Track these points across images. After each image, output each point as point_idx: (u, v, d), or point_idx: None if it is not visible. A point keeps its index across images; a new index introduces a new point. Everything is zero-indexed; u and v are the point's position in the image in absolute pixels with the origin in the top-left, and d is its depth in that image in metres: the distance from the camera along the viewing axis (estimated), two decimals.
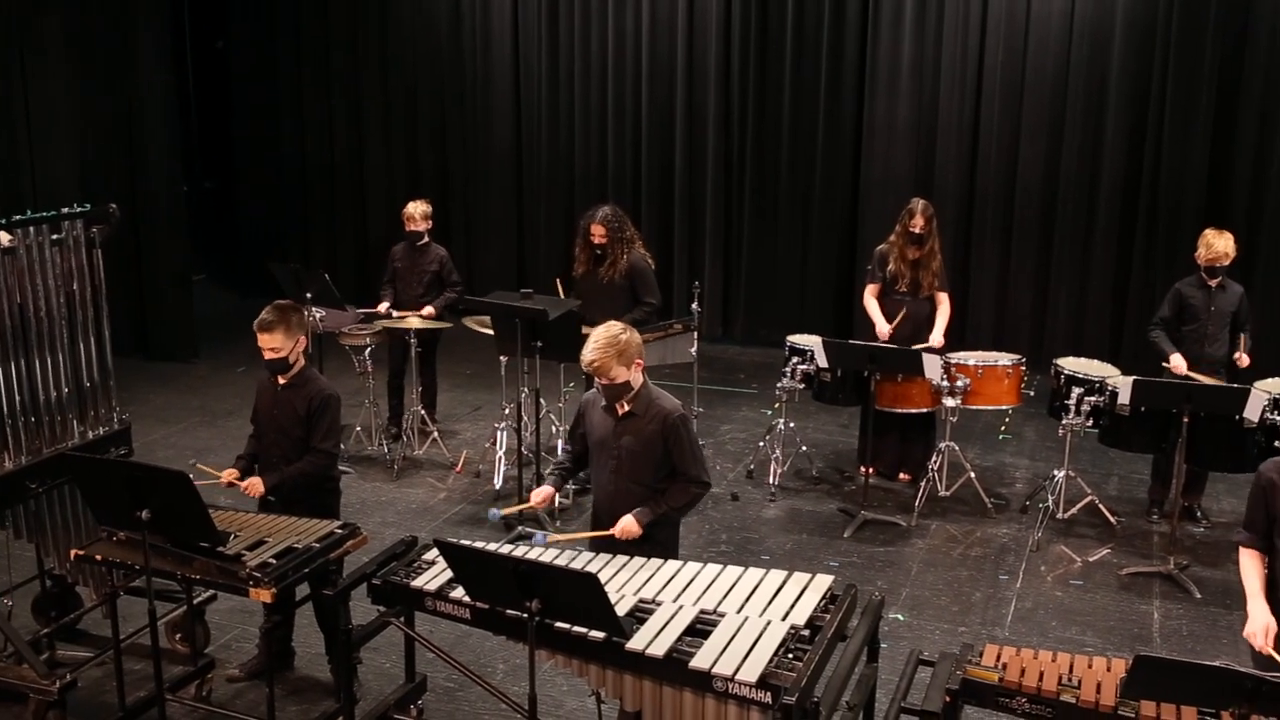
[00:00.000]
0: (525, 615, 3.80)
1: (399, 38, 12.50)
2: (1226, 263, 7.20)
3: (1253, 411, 6.57)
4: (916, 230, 7.66)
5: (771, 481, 7.91)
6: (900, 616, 6.26)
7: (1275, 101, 9.82)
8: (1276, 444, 6.70)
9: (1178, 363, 7.18)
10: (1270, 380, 7.12)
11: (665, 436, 4.76)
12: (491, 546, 4.56)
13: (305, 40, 12.85)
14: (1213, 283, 7.24)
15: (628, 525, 4.72)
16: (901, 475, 8.06)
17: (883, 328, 7.68)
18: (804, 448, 8.31)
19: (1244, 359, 7.28)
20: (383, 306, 8.49)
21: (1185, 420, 6.51)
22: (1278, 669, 3.77)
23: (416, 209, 8.54)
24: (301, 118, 13.05)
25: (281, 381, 5.44)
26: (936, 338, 7.70)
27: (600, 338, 4.67)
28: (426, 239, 8.58)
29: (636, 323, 7.35)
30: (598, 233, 7.63)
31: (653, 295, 7.71)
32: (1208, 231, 7.33)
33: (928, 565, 6.89)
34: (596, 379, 4.75)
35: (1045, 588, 6.65)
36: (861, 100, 10.94)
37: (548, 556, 4.48)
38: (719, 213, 11.57)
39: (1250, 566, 4.28)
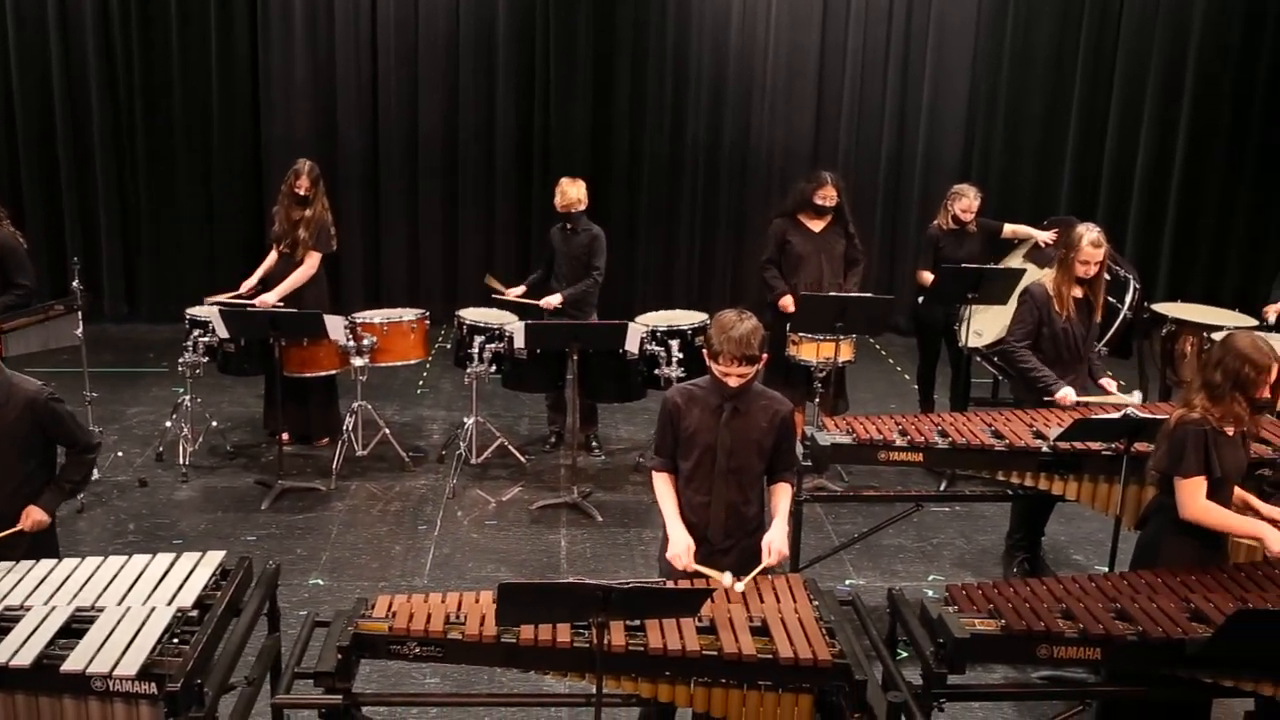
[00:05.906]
0: None
1: None
2: (581, 208, 7.71)
3: (633, 344, 7.17)
4: (301, 192, 7.59)
5: (182, 461, 7.54)
6: (320, 581, 6.22)
7: (643, 58, 10.71)
8: (655, 372, 7.37)
9: (550, 300, 7.66)
10: (648, 315, 7.78)
11: (38, 419, 4.45)
12: None
13: None
14: (569, 227, 7.75)
15: (39, 517, 4.45)
16: (323, 440, 7.99)
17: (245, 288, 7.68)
18: (214, 423, 8.00)
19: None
20: None
21: (575, 358, 6.98)
22: (704, 581, 4.00)
23: None
24: None
25: None
26: (271, 298, 7.49)
27: None
28: None
29: (10, 307, 6.77)
30: None
31: (26, 276, 7.04)
32: (562, 180, 7.78)
33: (348, 526, 6.90)
34: None
35: (462, 532, 6.88)
36: (256, 57, 10.62)
37: None
38: (111, 182, 10.78)
39: (664, 490, 4.27)
